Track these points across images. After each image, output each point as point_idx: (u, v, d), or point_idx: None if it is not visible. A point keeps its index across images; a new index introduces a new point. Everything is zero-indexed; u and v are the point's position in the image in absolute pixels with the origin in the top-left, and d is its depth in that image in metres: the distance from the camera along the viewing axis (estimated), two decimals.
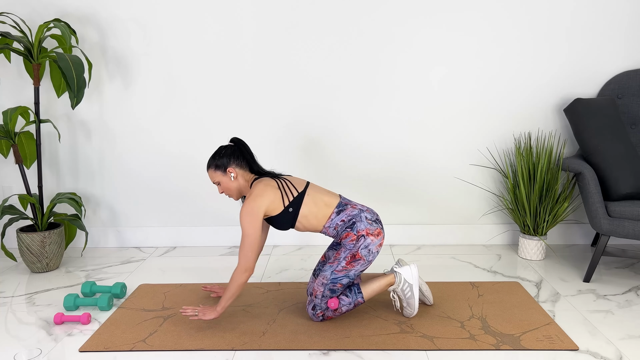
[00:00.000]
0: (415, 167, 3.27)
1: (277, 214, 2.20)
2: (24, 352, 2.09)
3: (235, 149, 2.25)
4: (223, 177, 2.23)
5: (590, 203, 2.70)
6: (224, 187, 2.25)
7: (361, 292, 2.26)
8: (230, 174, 2.22)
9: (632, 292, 2.62)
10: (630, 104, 3.05)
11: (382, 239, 2.22)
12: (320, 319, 2.27)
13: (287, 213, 2.20)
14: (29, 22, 3.11)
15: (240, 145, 2.27)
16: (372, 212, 2.26)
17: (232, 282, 2.15)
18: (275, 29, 3.10)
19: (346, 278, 2.21)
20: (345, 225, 2.21)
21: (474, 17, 3.09)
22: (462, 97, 3.19)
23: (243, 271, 2.13)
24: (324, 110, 3.20)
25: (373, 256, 2.21)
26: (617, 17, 3.07)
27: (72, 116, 3.24)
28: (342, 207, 2.23)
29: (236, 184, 2.24)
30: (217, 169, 2.23)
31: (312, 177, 3.28)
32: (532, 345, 2.09)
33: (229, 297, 2.16)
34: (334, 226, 2.22)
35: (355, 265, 2.19)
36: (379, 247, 2.21)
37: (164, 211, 3.36)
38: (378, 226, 2.22)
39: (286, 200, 2.19)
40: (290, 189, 2.22)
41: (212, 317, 2.18)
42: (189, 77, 3.18)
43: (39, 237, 2.89)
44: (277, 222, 2.23)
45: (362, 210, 2.23)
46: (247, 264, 2.13)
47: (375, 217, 2.25)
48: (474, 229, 3.36)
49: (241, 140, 2.28)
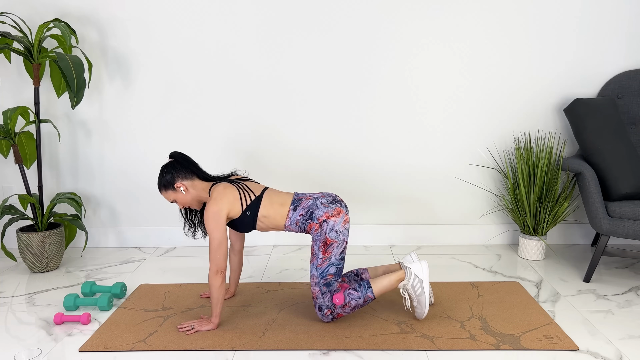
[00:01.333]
0: (416, 167, 3.27)
1: (237, 218, 2.23)
2: (24, 352, 2.09)
3: (175, 163, 2.26)
4: (175, 194, 2.25)
5: (590, 203, 2.70)
6: (180, 202, 2.27)
7: (370, 287, 2.25)
8: (179, 189, 2.24)
9: (632, 292, 2.62)
10: (630, 104, 3.05)
11: (345, 216, 2.22)
12: (330, 318, 2.27)
13: (246, 216, 2.22)
14: (29, 22, 3.11)
15: (179, 158, 2.28)
16: (327, 195, 2.28)
17: (211, 288, 2.18)
18: (276, 28, 3.10)
19: (332, 266, 2.20)
20: (305, 218, 2.22)
21: (472, 19, 3.09)
22: (462, 97, 3.19)
23: (215, 273, 2.15)
24: (323, 113, 3.20)
25: (344, 234, 2.21)
26: (617, 17, 3.07)
27: (72, 116, 3.24)
28: (297, 203, 2.25)
29: (190, 196, 2.26)
30: (166, 188, 2.24)
31: (309, 175, 3.28)
32: (532, 345, 2.09)
33: (216, 303, 2.20)
34: (294, 222, 2.24)
35: (332, 251, 2.19)
36: (345, 224, 2.21)
37: (164, 211, 3.36)
38: (335, 206, 2.22)
39: (244, 204, 2.22)
40: (249, 193, 2.24)
41: (209, 327, 2.22)
42: (189, 76, 3.18)
43: (39, 237, 2.89)
44: (238, 224, 2.25)
45: (316, 199, 2.24)
46: (218, 266, 2.15)
47: (330, 199, 2.25)
48: (474, 229, 3.36)
49: (180, 152, 2.30)
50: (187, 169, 2.26)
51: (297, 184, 3.30)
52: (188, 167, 2.26)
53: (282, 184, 3.30)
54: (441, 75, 3.16)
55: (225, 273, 2.18)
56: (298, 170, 3.28)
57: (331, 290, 2.22)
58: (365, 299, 2.24)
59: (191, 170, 2.26)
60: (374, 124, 3.22)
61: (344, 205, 2.26)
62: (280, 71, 3.16)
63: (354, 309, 2.24)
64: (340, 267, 2.23)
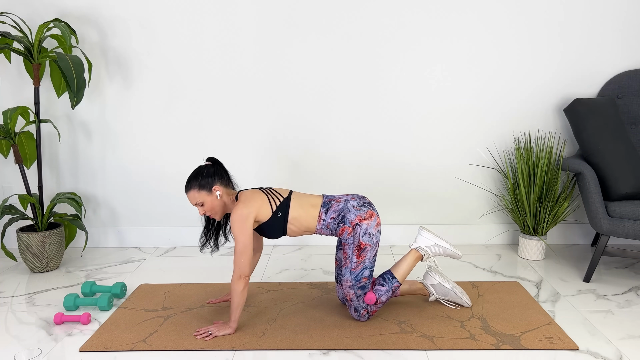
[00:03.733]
0: (416, 167, 3.27)
1: (267, 220, 2.20)
2: (24, 352, 2.09)
3: (217, 167, 2.23)
4: (208, 196, 2.18)
5: (590, 203, 2.70)
6: (208, 207, 2.19)
7: (394, 276, 2.29)
8: (216, 192, 2.18)
9: (632, 292, 2.62)
10: (630, 104, 3.05)
11: (377, 218, 2.22)
12: (367, 317, 2.29)
13: (277, 218, 2.20)
14: (29, 22, 3.11)
15: (219, 164, 2.26)
16: (357, 197, 2.27)
17: (232, 293, 2.15)
18: (276, 28, 3.10)
19: (366, 270, 2.22)
20: (336, 221, 2.21)
21: (473, 18, 3.09)
22: (462, 97, 3.19)
23: (238, 278, 2.12)
24: (323, 113, 3.20)
25: (377, 237, 2.21)
26: (617, 17, 3.07)
27: (72, 116, 3.24)
28: (328, 205, 2.24)
29: (221, 202, 2.21)
30: (202, 188, 2.17)
31: (312, 178, 3.29)
32: (532, 345, 2.09)
33: (235, 308, 2.16)
34: (326, 225, 2.23)
35: (366, 255, 2.20)
36: (377, 227, 2.21)
37: (164, 211, 3.36)
38: (367, 208, 2.22)
39: (274, 205, 2.20)
40: (276, 195, 2.23)
41: (227, 332, 2.18)
42: (190, 77, 3.18)
43: (39, 237, 2.89)
44: (268, 229, 2.23)
45: (347, 201, 2.24)
46: (242, 271, 2.12)
47: (361, 202, 2.25)
48: (474, 229, 3.36)
49: (218, 159, 2.28)
50: (225, 175, 2.24)
51: (296, 182, 3.30)
52: (226, 174, 2.25)
53: (279, 181, 3.30)
54: (441, 75, 3.16)
55: (248, 278, 2.14)
56: (298, 170, 3.28)
57: (365, 292, 2.24)
58: (393, 289, 2.28)
59: (228, 177, 2.25)
60: (373, 124, 3.22)
61: (374, 207, 2.26)
62: (281, 71, 3.16)
63: (385, 301, 2.29)
64: (372, 270, 2.25)
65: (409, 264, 2.32)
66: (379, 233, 2.23)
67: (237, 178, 3.26)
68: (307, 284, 2.73)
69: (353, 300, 2.25)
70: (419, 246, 2.35)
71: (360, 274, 2.21)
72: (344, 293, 2.28)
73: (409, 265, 2.32)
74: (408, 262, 2.33)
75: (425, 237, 2.36)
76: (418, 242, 2.36)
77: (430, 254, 2.35)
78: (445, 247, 2.36)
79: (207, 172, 2.20)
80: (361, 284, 2.22)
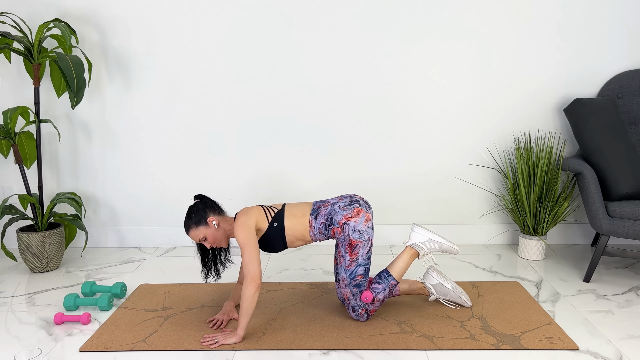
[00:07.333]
0: (415, 167, 3.27)
1: (266, 231, 2.23)
2: (24, 352, 2.09)
3: (205, 200, 2.27)
4: (207, 229, 2.21)
5: (590, 203, 2.70)
6: (211, 238, 2.22)
7: (390, 274, 2.30)
8: (212, 223, 2.21)
9: (632, 292, 2.62)
10: (630, 104, 3.05)
11: (365, 214, 2.22)
12: (365, 317, 2.29)
13: (274, 228, 2.24)
14: (29, 22, 3.11)
15: (207, 198, 2.29)
16: (345, 197, 2.29)
17: (242, 298, 2.11)
18: (277, 28, 3.11)
19: (360, 267, 2.22)
20: (326, 225, 2.24)
21: (473, 18, 3.09)
22: (462, 97, 3.19)
23: (249, 281, 2.09)
24: (323, 112, 3.20)
25: (368, 233, 2.21)
26: (617, 16, 3.07)
27: (72, 116, 3.24)
28: (317, 211, 2.26)
29: (222, 231, 2.24)
30: (198, 224, 2.20)
31: (313, 176, 3.29)
32: (532, 345, 2.09)
33: (244, 314, 2.11)
34: (318, 231, 2.26)
35: (358, 252, 2.20)
36: (367, 223, 2.21)
37: (164, 211, 3.36)
38: (354, 206, 2.23)
39: (269, 216, 2.25)
40: (271, 207, 2.29)
41: (234, 340, 2.13)
42: (190, 77, 3.18)
43: (39, 237, 2.89)
44: (269, 240, 2.26)
45: (334, 204, 2.26)
46: (252, 276, 2.09)
47: (348, 201, 2.26)
48: (474, 229, 3.36)
49: (204, 195, 2.31)
50: (215, 205, 2.27)
51: (296, 182, 3.30)
52: (215, 205, 2.28)
53: (279, 181, 3.30)
54: (441, 75, 3.16)
55: (259, 283, 2.10)
56: (296, 170, 3.28)
57: (361, 290, 2.24)
58: (390, 287, 2.28)
59: (218, 207, 2.28)
60: (373, 124, 3.22)
61: (363, 203, 2.27)
62: (282, 71, 3.16)
63: (383, 300, 2.29)
64: (367, 267, 2.25)
65: (405, 261, 2.33)
66: (370, 229, 2.22)
67: (237, 178, 3.29)
68: (307, 284, 2.73)
69: (350, 299, 2.26)
70: (414, 243, 2.35)
71: (355, 272, 2.21)
72: (342, 291, 2.28)
73: (405, 263, 2.33)
74: (404, 259, 2.33)
75: (418, 233, 2.36)
76: (412, 238, 2.37)
77: (426, 250, 2.35)
78: (440, 242, 2.36)
79: (197, 208, 2.24)
80: (356, 282, 2.22)
